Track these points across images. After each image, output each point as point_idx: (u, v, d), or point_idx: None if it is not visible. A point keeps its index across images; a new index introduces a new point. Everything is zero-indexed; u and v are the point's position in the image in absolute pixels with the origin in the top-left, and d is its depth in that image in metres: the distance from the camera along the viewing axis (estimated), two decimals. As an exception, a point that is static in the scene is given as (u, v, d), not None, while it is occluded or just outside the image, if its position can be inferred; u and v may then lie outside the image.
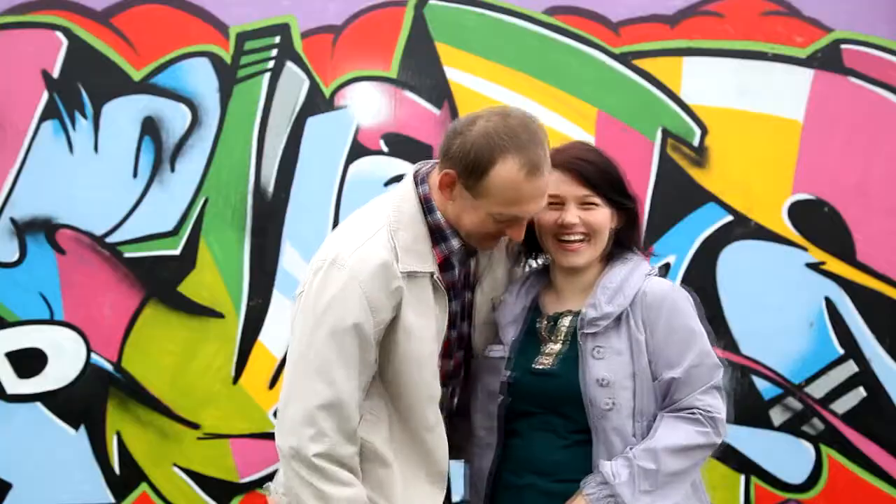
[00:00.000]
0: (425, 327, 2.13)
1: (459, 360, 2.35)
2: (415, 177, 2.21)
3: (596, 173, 2.20)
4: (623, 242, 2.28)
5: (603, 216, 2.20)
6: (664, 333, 2.14)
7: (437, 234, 2.17)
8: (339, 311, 2.04)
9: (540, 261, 2.39)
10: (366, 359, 2.08)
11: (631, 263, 2.24)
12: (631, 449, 2.10)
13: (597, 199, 2.20)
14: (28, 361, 3.99)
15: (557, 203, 2.20)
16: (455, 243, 2.17)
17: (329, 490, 2.03)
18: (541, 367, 2.19)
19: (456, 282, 2.26)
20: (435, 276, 2.13)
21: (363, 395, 2.11)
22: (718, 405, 2.15)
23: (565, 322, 2.22)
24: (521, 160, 2.02)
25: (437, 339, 2.17)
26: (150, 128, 3.98)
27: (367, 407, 2.14)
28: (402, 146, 3.95)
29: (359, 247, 2.09)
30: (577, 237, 2.20)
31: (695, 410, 2.12)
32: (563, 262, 2.23)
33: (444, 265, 2.19)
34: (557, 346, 2.21)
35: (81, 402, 4.00)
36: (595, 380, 2.12)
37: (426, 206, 2.16)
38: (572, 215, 2.18)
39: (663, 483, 2.08)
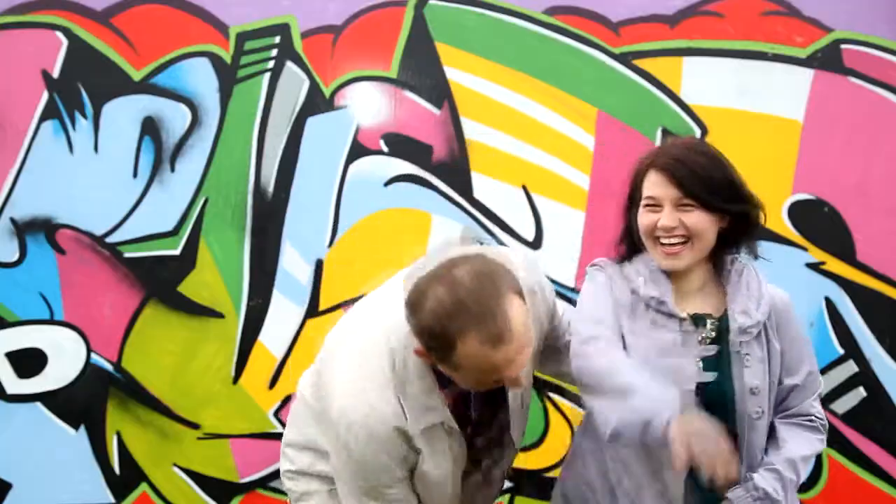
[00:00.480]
0: (442, 469, 2.16)
1: (491, 438, 2.33)
2: (408, 307, 2.03)
3: (690, 177, 2.14)
4: (731, 243, 2.23)
5: (701, 218, 2.15)
6: (790, 341, 2.18)
7: (443, 377, 2.10)
8: (363, 474, 2.10)
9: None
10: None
11: (752, 269, 2.24)
12: (767, 457, 2.11)
13: (692, 201, 2.15)
14: (28, 361, 3.99)
15: (656, 205, 2.16)
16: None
17: None
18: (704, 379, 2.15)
19: (477, 414, 2.23)
20: (446, 425, 2.12)
21: None
22: (824, 413, 2.25)
23: (709, 327, 2.17)
24: (479, 337, 1.89)
25: (458, 468, 2.19)
26: (150, 128, 3.98)
27: None
28: (402, 146, 3.95)
29: (367, 414, 2.06)
30: (677, 240, 2.15)
31: (813, 418, 2.18)
32: (663, 265, 2.19)
33: (459, 400, 2.17)
34: (708, 353, 2.17)
35: (81, 402, 4.00)
36: (749, 388, 2.11)
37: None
38: (670, 218, 2.14)
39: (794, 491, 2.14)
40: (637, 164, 2.28)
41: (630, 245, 2.30)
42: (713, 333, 2.17)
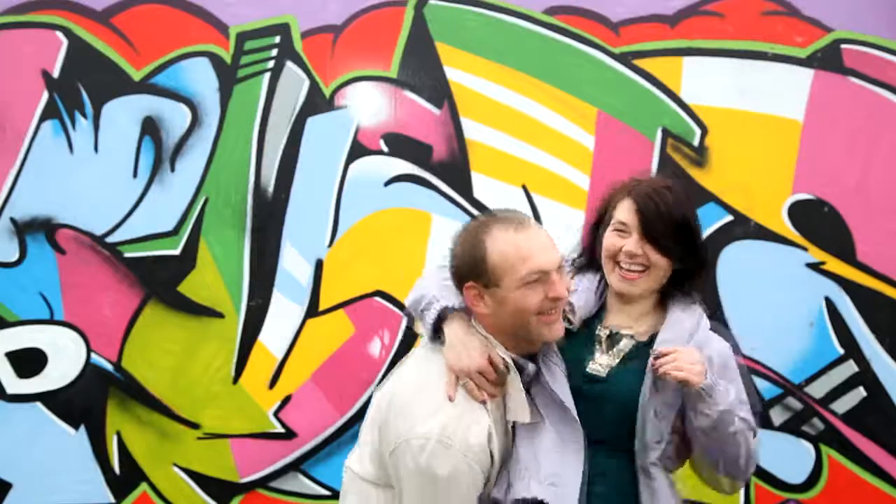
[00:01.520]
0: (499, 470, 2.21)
1: None
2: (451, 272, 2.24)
3: (659, 222, 2.21)
4: (681, 282, 2.29)
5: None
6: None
7: (516, 367, 2.19)
8: (456, 490, 2.10)
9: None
10: None
11: (695, 311, 2.28)
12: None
13: (651, 244, 2.23)
14: (28, 361, 3.99)
15: (624, 231, 2.23)
16: (531, 369, 2.20)
17: None
18: (594, 373, 2.22)
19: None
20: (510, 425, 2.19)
21: None
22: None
23: (624, 344, 2.25)
24: (501, 226, 2.14)
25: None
26: (150, 128, 3.98)
27: None
28: (402, 146, 3.95)
29: (459, 418, 2.12)
30: (637, 267, 2.23)
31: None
32: (617, 287, 2.26)
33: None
34: (612, 362, 2.23)
35: (81, 402, 4.00)
36: (654, 410, 2.16)
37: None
38: (636, 245, 2.21)
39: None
40: (614, 187, 2.36)
41: (587, 260, 2.40)
42: (627, 349, 2.24)
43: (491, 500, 2.17)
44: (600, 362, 2.23)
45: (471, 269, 2.15)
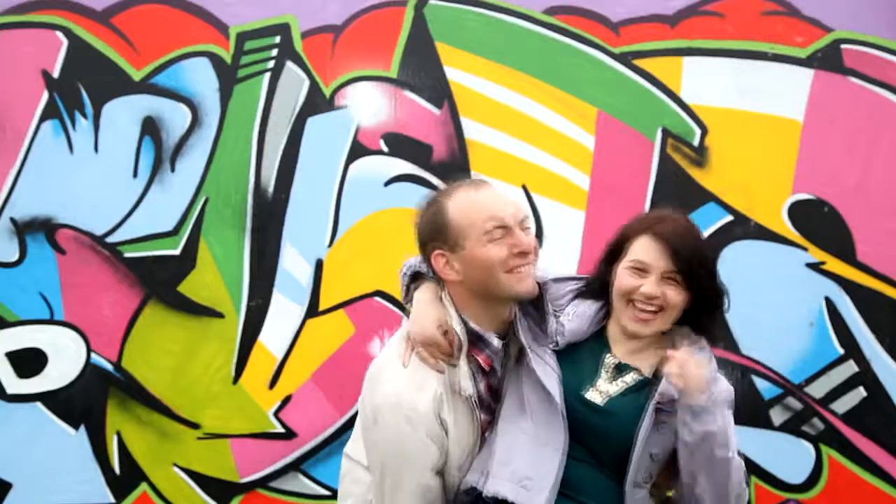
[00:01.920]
0: (463, 445, 2.18)
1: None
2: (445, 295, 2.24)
3: (689, 256, 2.17)
4: (694, 322, 2.26)
5: (682, 295, 2.19)
6: None
7: (479, 342, 2.18)
8: (406, 459, 2.12)
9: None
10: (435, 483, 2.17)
11: (708, 354, 2.24)
12: None
13: (680, 278, 2.18)
14: (28, 361, 3.99)
15: (642, 270, 2.18)
16: (497, 344, 2.19)
17: None
18: (592, 399, 2.17)
19: (498, 387, 2.27)
20: (472, 399, 2.16)
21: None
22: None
23: (630, 378, 2.21)
24: (461, 189, 2.18)
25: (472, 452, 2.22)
26: (150, 128, 3.98)
27: None
28: (402, 146, 3.95)
29: (408, 384, 2.14)
30: (652, 308, 2.18)
31: None
32: (630, 328, 2.21)
33: (491, 372, 2.21)
34: (612, 389, 2.19)
35: (81, 402, 4.00)
36: (649, 452, 2.14)
37: (462, 318, 2.19)
38: (654, 287, 2.17)
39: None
40: (631, 223, 2.29)
41: (596, 290, 2.33)
42: (631, 383, 2.21)
43: (467, 486, 2.16)
44: (601, 390, 2.18)
45: (435, 234, 2.16)
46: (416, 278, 2.32)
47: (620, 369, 2.22)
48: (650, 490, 2.20)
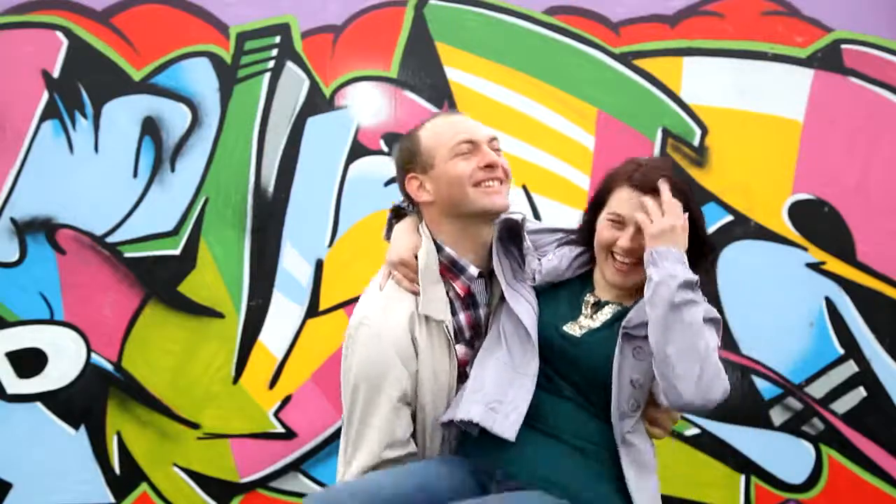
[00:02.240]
0: (438, 376, 2.18)
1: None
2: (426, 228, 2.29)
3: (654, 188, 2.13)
4: None
5: (676, 222, 2.12)
6: None
7: (454, 268, 2.23)
8: (372, 380, 2.14)
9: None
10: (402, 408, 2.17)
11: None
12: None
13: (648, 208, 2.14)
14: (28, 361, 3.99)
15: (619, 222, 2.16)
16: (473, 271, 2.22)
17: None
18: (570, 332, 2.16)
19: (483, 324, 2.29)
20: (447, 327, 2.17)
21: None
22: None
23: (608, 310, 2.19)
24: (435, 118, 2.29)
25: (451, 379, 2.21)
26: (150, 128, 3.98)
27: None
28: (402, 146, 3.94)
29: (383, 307, 2.20)
30: (630, 260, 2.16)
31: None
32: (610, 279, 2.20)
33: (469, 300, 2.24)
34: (593, 325, 2.17)
35: (81, 402, 4.00)
36: (629, 379, 2.11)
37: (437, 246, 2.23)
38: (631, 240, 2.15)
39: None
40: (612, 172, 2.26)
41: (581, 239, 2.31)
42: (608, 316, 2.19)
43: (445, 420, 2.15)
44: (581, 324, 2.18)
45: (408, 160, 2.25)
46: (398, 216, 2.37)
47: (601, 306, 2.21)
48: (645, 427, 2.20)
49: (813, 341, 3.89)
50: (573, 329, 2.16)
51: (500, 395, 2.08)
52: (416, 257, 2.22)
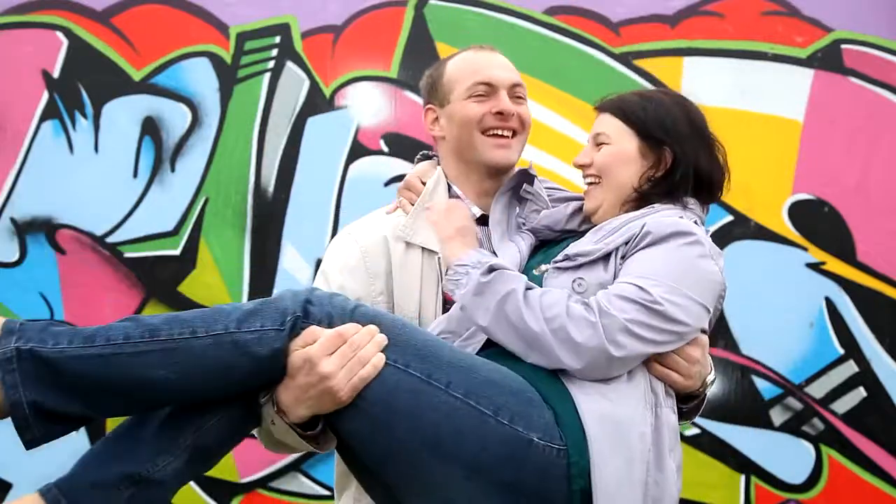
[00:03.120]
0: (412, 298, 2.05)
1: None
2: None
3: (609, 107, 2.01)
4: (666, 195, 1.96)
5: (611, 154, 2.00)
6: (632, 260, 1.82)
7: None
8: (333, 265, 2.09)
9: None
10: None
11: (658, 209, 1.91)
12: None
13: (607, 138, 2.01)
14: (28, 361, 3.98)
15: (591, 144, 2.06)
16: (475, 210, 2.13)
17: None
18: (535, 273, 1.97)
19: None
20: (438, 257, 2.04)
21: None
22: (625, 313, 1.72)
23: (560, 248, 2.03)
24: (465, 50, 2.19)
25: (430, 305, 2.09)
26: (150, 128, 3.98)
27: None
28: (402, 146, 3.94)
29: (367, 219, 2.21)
30: (589, 179, 2.05)
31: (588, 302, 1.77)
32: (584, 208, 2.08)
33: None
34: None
35: (81, 402, 3.99)
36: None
37: (447, 184, 2.18)
38: (584, 154, 2.07)
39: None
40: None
41: None
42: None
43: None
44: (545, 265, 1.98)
45: (430, 90, 2.19)
46: (425, 158, 2.33)
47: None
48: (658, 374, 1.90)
49: (813, 341, 3.89)
50: (539, 270, 1.97)
51: (461, 329, 1.90)
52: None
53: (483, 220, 2.13)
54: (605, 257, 1.86)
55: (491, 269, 1.80)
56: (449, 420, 1.59)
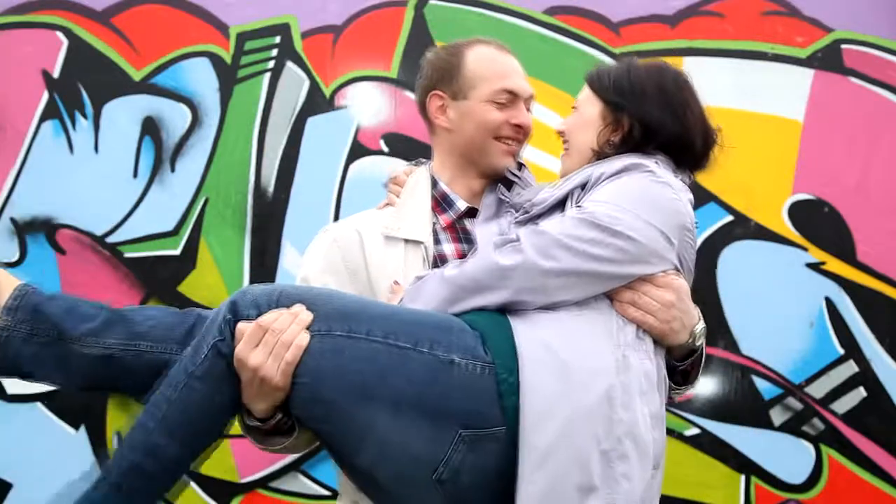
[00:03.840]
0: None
1: None
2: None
3: (592, 73, 2.03)
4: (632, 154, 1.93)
5: (575, 120, 2.03)
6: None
7: (443, 202, 2.15)
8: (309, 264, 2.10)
9: None
10: None
11: (615, 160, 1.87)
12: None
13: (578, 105, 2.05)
14: (28, 361, 3.98)
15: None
16: (461, 204, 2.13)
17: None
18: None
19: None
20: (425, 246, 2.05)
21: None
22: (558, 228, 1.71)
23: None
24: (484, 44, 2.12)
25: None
26: (150, 128, 3.98)
27: None
28: (402, 146, 3.95)
29: (346, 219, 2.17)
30: (565, 146, 2.07)
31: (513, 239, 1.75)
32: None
33: (463, 236, 2.14)
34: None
35: (81, 402, 4.00)
36: None
37: (433, 179, 2.16)
38: (560, 123, 2.10)
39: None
40: None
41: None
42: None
43: None
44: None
45: (442, 76, 2.11)
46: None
47: None
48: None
49: (813, 341, 3.89)
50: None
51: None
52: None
53: (471, 213, 2.14)
54: (561, 204, 1.86)
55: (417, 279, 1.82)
56: (371, 364, 1.60)
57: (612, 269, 1.72)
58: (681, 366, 1.91)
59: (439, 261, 2.05)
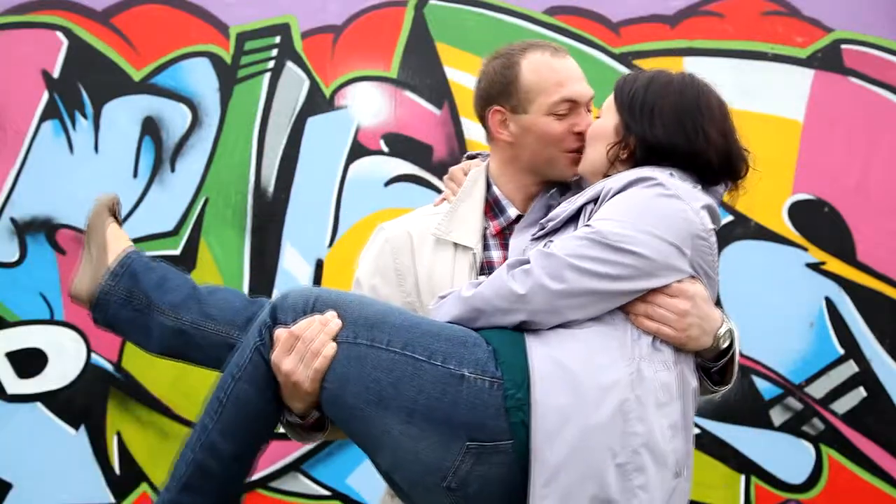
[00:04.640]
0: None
1: None
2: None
3: (619, 82, 2.00)
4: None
5: (595, 130, 1.99)
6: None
7: (495, 207, 2.13)
8: (363, 266, 2.16)
9: None
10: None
11: (623, 174, 1.86)
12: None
13: (601, 112, 2.02)
14: (28, 361, 3.99)
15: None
16: (512, 213, 2.11)
17: None
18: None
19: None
20: (474, 252, 2.06)
21: None
22: (567, 250, 1.72)
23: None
24: (539, 50, 2.06)
25: None
26: (150, 128, 3.98)
27: None
28: (402, 146, 3.95)
29: (400, 218, 2.22)
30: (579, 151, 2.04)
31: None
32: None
33: (502, 240, 2.13)
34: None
35: (81, 402, 4.00)
36: None
37: (487, 183, 2.15)
38: (586, 122, 2.05)
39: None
40: None
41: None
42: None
43: None
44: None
45: (500, 90, 2.06)
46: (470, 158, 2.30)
47: None
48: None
49: (813, 341, 3.89)
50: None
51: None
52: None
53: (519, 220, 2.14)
54: (575, 219, 1.86)
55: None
56: (388, 373, 1.68)
57: (623, 285, 1.73)
58: (714, 367, 1.91)
59: (486, 267, 2.06)
